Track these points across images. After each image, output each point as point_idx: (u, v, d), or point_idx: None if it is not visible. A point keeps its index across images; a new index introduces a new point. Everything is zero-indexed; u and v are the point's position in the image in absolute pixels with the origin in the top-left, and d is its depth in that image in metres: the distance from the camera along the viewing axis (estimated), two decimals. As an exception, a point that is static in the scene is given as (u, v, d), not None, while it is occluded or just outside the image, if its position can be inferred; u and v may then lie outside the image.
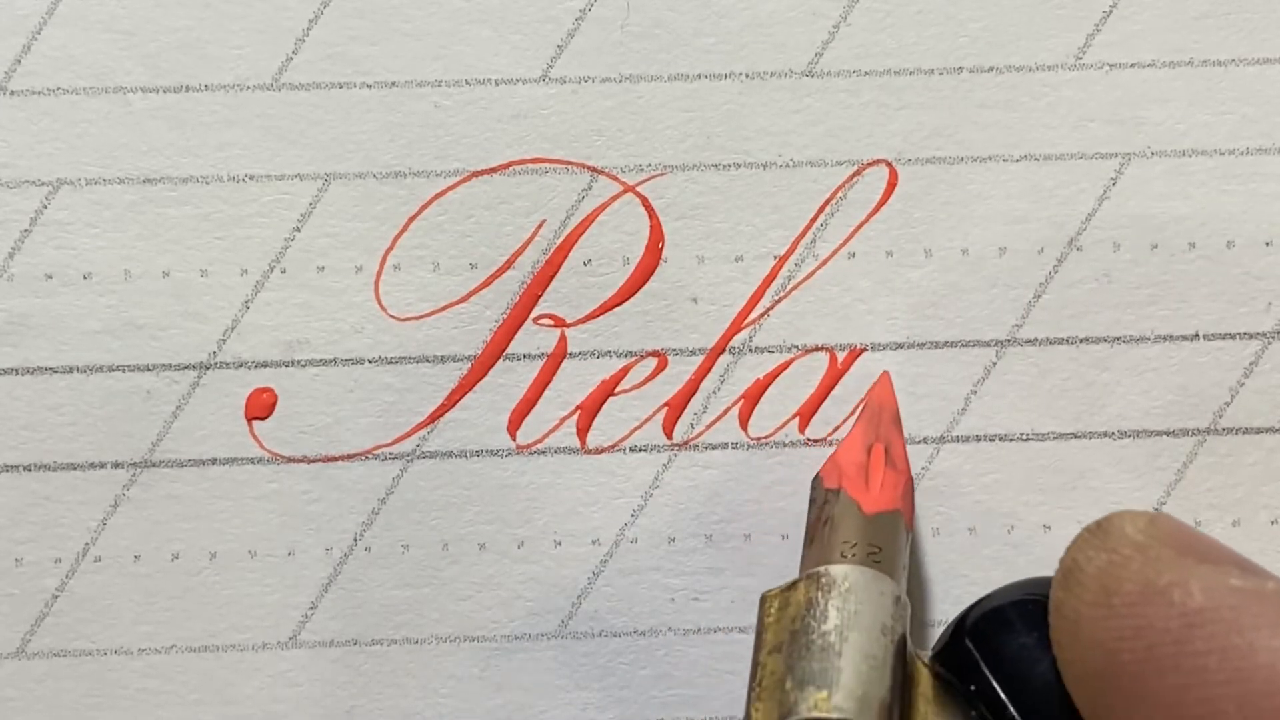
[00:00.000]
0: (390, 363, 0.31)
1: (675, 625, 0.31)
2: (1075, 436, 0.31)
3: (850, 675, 0.26)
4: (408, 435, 0.31)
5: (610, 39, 0.31)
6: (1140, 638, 0.23)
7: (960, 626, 0.27)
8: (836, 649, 0.26)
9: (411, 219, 0.31)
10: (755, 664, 0.27)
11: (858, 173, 0.31)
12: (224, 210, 0.31)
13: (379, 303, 0.31)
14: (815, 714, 0.25)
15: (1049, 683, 0.25)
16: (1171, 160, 0.31)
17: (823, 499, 0.29)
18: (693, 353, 0.31)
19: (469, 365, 0.31)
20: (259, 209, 0.31)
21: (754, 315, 0.31)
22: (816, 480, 0.29)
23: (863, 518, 0.28)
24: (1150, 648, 0.22)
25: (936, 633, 0.31)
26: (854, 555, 0.28)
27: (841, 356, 0.31)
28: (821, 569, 0.27)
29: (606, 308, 0.31)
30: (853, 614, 0.26)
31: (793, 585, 0.27)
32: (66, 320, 0.31)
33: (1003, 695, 0.26)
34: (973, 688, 0.26)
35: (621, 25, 0.31)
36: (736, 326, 0.31)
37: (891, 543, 0.28)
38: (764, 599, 0.27)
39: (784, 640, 0.26)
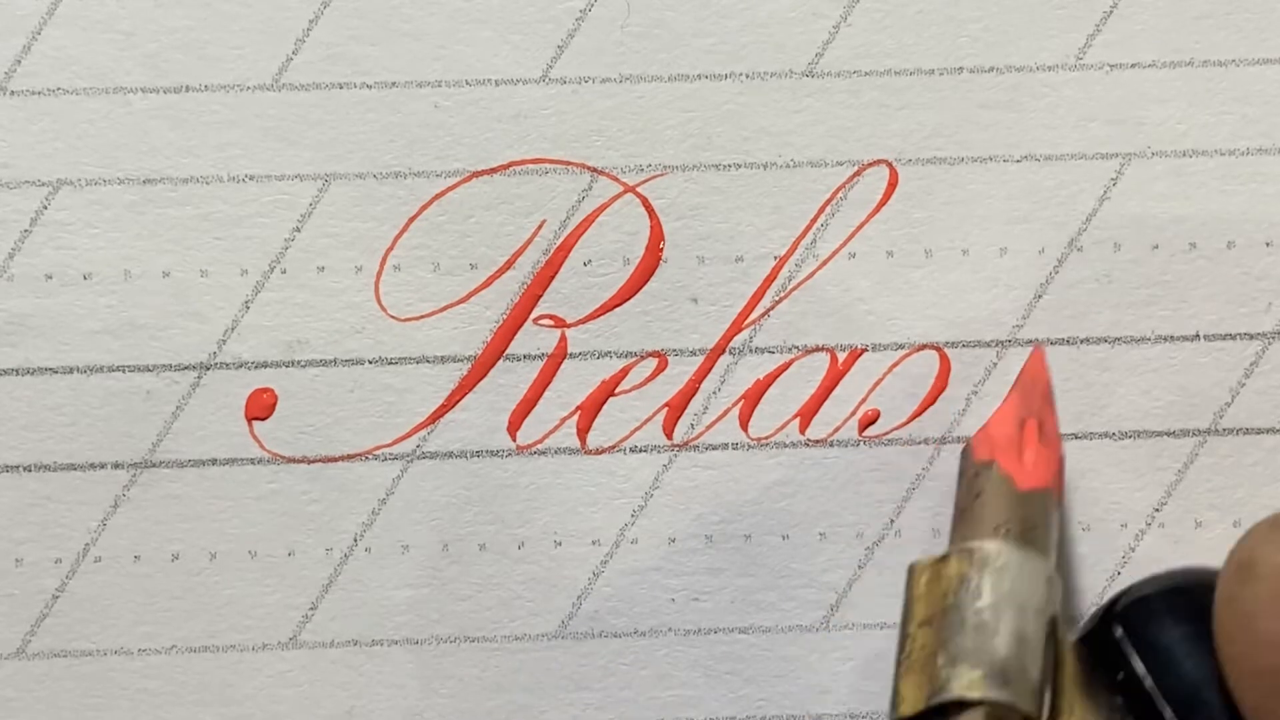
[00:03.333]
0: (390, 363, 0.31)
1: (675, 625, 0.31)
2: (1075, 436, 0.31)
3: (1004, 655, 0.25)
4: (408, 435, 0.31)
5: (610, 39, 0.31)
6: None
7: (1109, 612, 0.26)
8: (991, 627, 0.25)
9: (411, 219, 0.31)
10: (904, 635, 0.26)
11: (858, 173, 0.31)
12: (224, 210, 0.31)
13: (379, 303, 0.31)
14: (969, 694, 0.25)
15: (1201, 675, 0.25)
16: (1172, 160, 0.31)
17: (973, 471, 0.28)
18: (693, 353, 0.31)
19: (469, 365, 0.31)
20: (259, 209, 0.31)
21: (754, 315, 0.31)
22: (966, 450, 0.29)
23: (1016, 494, 0.28)
24: None
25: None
26: (1007, 532, 0.27)
27: (842, 357, 0.31)
28: (975, 544, 0.27)
29: (606, 308, 0.31)
30: (1006, 592, 0.26)
31: (944, 559, 0.27)
32: (66, 320, 0.31)
33: (1152, 683, 0.25)
34: (1120, 675, 0.26)
35: (621, 25, 0.31)
36: (737, 327, 0.31)
37: (1044, 521, 0.27)
38: (913, 569, 0.27)
39: (935, 614, 0.26)
